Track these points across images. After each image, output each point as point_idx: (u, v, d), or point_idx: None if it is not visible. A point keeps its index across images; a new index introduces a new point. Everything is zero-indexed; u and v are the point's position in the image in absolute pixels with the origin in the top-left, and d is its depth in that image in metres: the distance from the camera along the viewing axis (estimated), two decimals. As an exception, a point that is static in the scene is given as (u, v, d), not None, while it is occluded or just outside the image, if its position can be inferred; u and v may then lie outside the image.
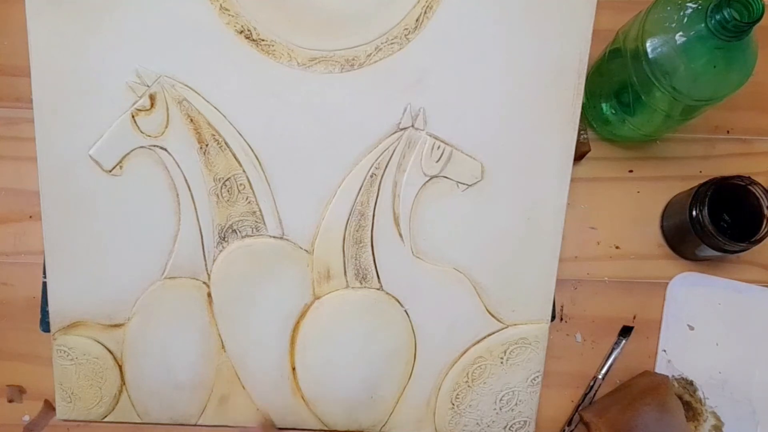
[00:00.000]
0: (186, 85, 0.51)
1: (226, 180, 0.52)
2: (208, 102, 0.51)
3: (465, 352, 0.54)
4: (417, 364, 0.55)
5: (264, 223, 0.53)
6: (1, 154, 0.58)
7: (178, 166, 0.52)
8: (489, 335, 0.54)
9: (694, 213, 0.54)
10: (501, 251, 0.53)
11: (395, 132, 0.52)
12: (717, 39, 0.45)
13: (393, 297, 0.54)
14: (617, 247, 0.59)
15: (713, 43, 0.46)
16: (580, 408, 0.57)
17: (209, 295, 0.53)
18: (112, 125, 0.51)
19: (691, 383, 0.57)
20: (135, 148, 0.52)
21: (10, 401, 0.57)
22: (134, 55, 0.51)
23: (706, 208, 0.53)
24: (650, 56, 0.48)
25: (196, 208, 0.52)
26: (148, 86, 0.51)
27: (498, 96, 0.51)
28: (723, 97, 0.49)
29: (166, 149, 0.52)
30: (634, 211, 0.59)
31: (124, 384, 0.55)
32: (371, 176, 0.52)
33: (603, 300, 0.58)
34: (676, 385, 0.57)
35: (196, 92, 0.51)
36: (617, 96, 0.56)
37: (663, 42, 0.48)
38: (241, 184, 0.52)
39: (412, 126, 0.52)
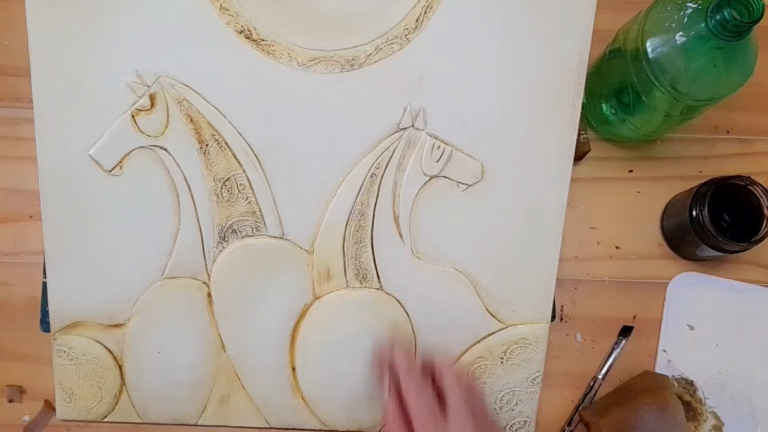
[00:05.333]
0: (186, 85, 0.51)
1: (226, 180, 0.52)
2: (208, 102, 0.51)
3: (465, 352, 0.54)
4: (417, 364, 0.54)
5: (264, 223, 0.53)
6: (1, 154, 0.58)
7: (178, 166, 0.52)
8: (489, 335, 0.54)
9: (694, 213, 0.54)
10: (501, 251, 0.53)
11: (395, 132, 0.52)
12: (717, 39, 0.45)
13: (393, 297, 0.54)
14: (617, 247, 0.59)
15: (713, 43, 0.46)
16: (580, 408, 0.57)
17: (209, 295, 0.53)
18: (112, 125, 0.51)
19: (691, 383, 0.57)
20: (135, 148, 0.52)
21: (10, 401, 0.57)
22: (134, 55, 0.51)
23: (706, 208, 0.53)
24: (650, 56, 0.48)
25: (196, 208, 0.52)
26: (148, 86, 0.51)
27: (498, 96, 0.51)
28: (723, 97, 0.49)
29: (166, 149, 0.52)
30: (634, 211, 0.59)
31: (124, 384, 0.55)
32: (371, 176, 0.52)
33: (603, 300, 0.58)
34: (676, 385, 0.57)
35: (196, 92, 0.51)
36: (617, 96, 0.56)
37: (663, 42, 0.48)
38: (241, 184, 0.52)
39: (412, 126, 0.52)
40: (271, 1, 0.50)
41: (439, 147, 0.52)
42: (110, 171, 0.52)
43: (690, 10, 0.47)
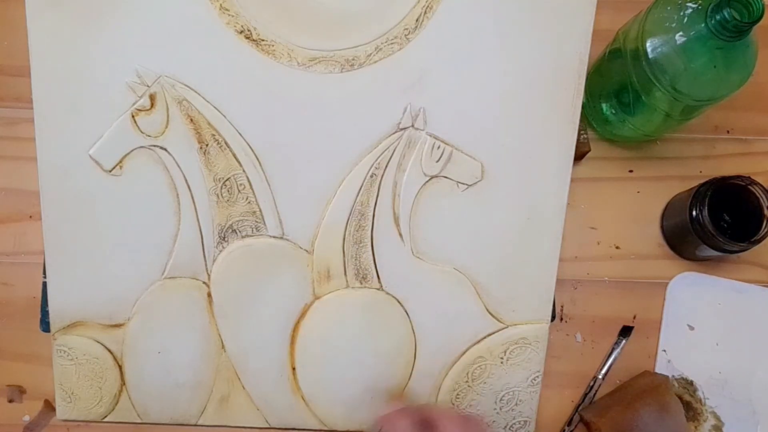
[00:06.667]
0: (186, 85, 0.51)
1: (226, 180, 0.52)
2: (208, 102, 0.51)
3: (465, 352, 0.54)
4: (417, 364, 0.55)
5: (264, 223, 0.53)
6: (1, 154, 0.58)
7: (178, 166, 0.52)
8: (489, 335, 0.54)
9: (694, 213, 0.54)
10: (501, 251, 0.53)
11: (395, 132, 0.52)
12: (717, 39, 0.45)
13: (393, 297, 0.54)
14: (617, 247, 0.59)
15: (713, 43, 0.46)
16: (580, 408, 0.57)
17: (209, 295, 0.53)
18: (112, 125, 0.51)
19: (691, 383, 0.57)
20: (135, 148, 0.52)
21: (10, 401, 0.57)
22: (134, 55, 0.50)
23: (706, 208, 0.53)
24: (650, 56, 0.48)
25: (196, 208, 0.52)
26: (148, 86, 0.51)
27: (498, 96, 0.51)
28: (723, 97, 0.49)
29: (166, 149, 0.52)
30: (634, 211, 0.59)
31: (124, 384, 0.55)
32: (371, 176, 0.52)
33: (603, 300, 0.58)
34: (676, 385, 0.57)
35: (196, 92, 0.51)
36: (617, 96, 0.56)
37: (663, 42, 0.48)
38: (241, 184, 0.52)
39: (412, 126, 0.52)
40: (271, 1, 0.50)
41: (439, 147, 0.52)
42: (110, 171, 0.52)
43: (690, 10, 0.47)
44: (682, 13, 0.47)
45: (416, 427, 0.45)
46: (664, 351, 0.58)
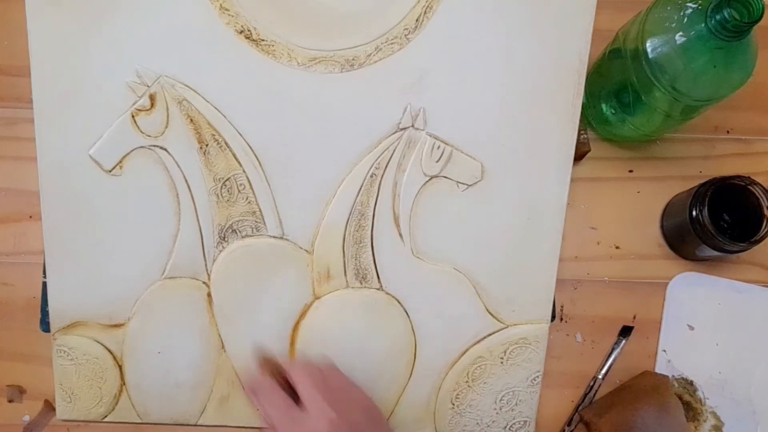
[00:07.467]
0: (186, 85, 0.51)
1: (226, 180, 0.52)
2: (208, 102, 0.51)
3: (465, 352, 0.54)
4: (417, 364, 0.55)
5: (264, 223, 0.53)
6: (1, 154, 0.58)
7: (178, 166, 0.52)
8: (489, 335, 0.54)
9: (694, 213, 0.54)
10: (501, 251, 0.53)
11: (395, 132, 0.52)
12: (717, 39, 0.45)
13: (393, 297, 0.54)
14: (617, 247, 0.59)
15: (713, 43, 0.46)
16: (580, 408, 0.57)
17: (209, 295, 0.53)
18: (112, 125, 0.51)
19: (691, 383, 0.57)
20: (135, 148, 0.52)
21: (10, 401, 0.57)
22: (134, 55, 0.51)
23: (706, 208, 0.53)
24: (650, 56, 0.48)
25: (196, 208, 0.52)
26: (148, 86, 0.51)
27: (498, 96, 0.51)
28: (723, 97, 0.49)
29: (166, 149, 0.52)
30: (634, 211, 0.59)
31: (124, 384, 0.55)
32: (371, 176, 0.52)
33: (603, 300, 0.58)
34: (676, 385, 0.57)
35: (196, 92, 0.51)
36: (617, 96, 0.56)
37: (663, 42, 0.48)
38: (241, 184, 0.52)
39: (412, 126, 0.52)
40: (271, 1, 0.50)
41: (439, 147, 0.52)
42: (110, 171, 0.52)
43: (690, 10, 0.47)
44: (682, 13, 0.47)
45: (285, 390, 0.47)
46: (664, 351, 0.58)
